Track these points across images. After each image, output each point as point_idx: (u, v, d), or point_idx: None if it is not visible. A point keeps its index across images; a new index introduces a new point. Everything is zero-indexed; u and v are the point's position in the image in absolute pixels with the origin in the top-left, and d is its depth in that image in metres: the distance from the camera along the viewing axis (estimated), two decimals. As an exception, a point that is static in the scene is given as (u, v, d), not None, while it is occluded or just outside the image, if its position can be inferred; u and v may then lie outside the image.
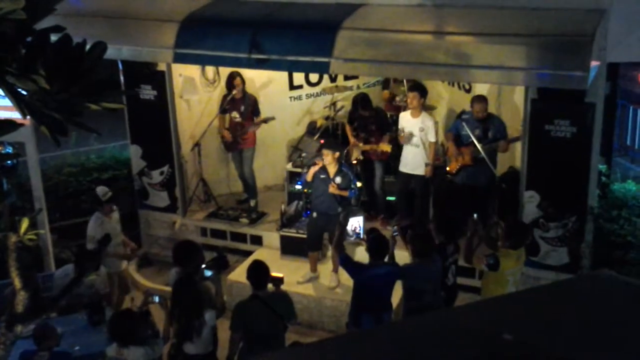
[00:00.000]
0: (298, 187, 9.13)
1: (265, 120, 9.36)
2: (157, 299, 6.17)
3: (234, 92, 9.16)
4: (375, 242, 6.68)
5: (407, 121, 8.64)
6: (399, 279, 6.80)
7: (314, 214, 8.21)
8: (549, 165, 7.44)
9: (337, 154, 7.91)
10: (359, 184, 8.61)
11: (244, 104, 9.27)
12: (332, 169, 7.94)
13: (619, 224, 7.42)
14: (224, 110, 9.39)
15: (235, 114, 9.31)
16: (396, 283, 6.82)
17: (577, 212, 7.42)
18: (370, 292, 6.62)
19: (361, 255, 7.03)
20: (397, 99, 9.91)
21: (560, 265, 7.57)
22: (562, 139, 7.24)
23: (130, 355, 5.67)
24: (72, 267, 7.08)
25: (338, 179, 7.90)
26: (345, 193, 7.91)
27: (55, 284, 7.08)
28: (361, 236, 7.56)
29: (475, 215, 6.87)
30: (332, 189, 7.86)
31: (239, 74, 9.12)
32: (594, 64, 6.52)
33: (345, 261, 6.84)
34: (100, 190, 7.79)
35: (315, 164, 8.09)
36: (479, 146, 8.00)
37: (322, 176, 7.98)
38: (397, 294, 6.97)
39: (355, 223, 8.14)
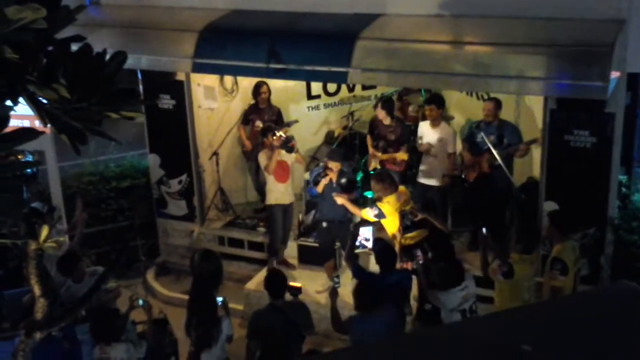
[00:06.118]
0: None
1: (289, 124, 9.29)
2: (141, 302, 6.19)
3: (259, 100, 9.18)
4: (382, 253, 6.65)
5: (427, 131, 8.62)
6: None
7: (324, 224, 8.22)
8: (568, 176, 7.38)
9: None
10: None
11: (268, 113, 9.29)
12: (335, 175, 8.00)
13: (640, 235, 7.35)
14: (246, 120, 9.41)
15: (258, 123, 9.31)
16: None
17: (597, 223, 7.36)
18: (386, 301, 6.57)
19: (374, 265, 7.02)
20: (410, 108, 9.88)
21: (580, 276, 7.49)
22: (582, 149, 7.19)
23: (112, 352, 5.70)
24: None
25: (343, 180, 7.94)
26: (352, 204, 7.85)
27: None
28: (370, 246, 7.54)
29: (484, 230, 6.79)
30: (339, 200, 7.79)
31: (265, 83, 9.14)
32: (614, 74, 6.47)
33: (358, 272, 6.81)
34: (38, 204, 7.85)
35: (326, 175, 8.09)
36: (495, 152, 7.95)
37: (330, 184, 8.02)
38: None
39: (365, 233, 8.09)
